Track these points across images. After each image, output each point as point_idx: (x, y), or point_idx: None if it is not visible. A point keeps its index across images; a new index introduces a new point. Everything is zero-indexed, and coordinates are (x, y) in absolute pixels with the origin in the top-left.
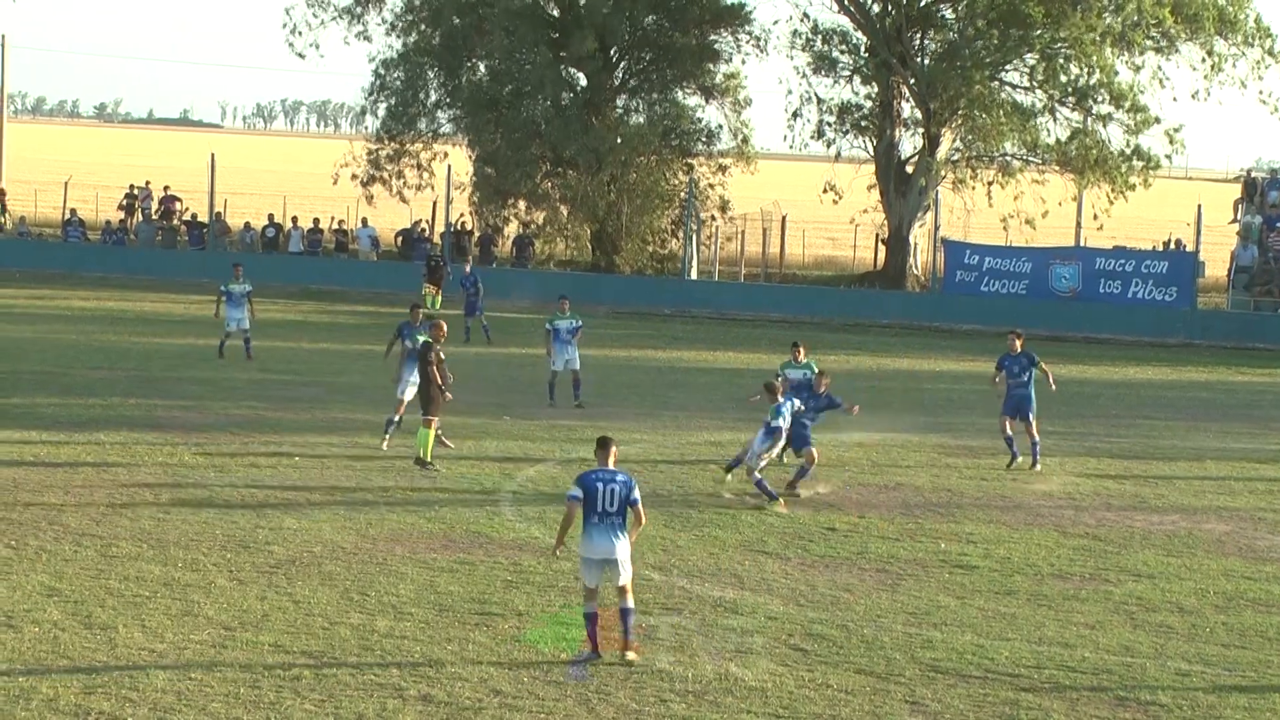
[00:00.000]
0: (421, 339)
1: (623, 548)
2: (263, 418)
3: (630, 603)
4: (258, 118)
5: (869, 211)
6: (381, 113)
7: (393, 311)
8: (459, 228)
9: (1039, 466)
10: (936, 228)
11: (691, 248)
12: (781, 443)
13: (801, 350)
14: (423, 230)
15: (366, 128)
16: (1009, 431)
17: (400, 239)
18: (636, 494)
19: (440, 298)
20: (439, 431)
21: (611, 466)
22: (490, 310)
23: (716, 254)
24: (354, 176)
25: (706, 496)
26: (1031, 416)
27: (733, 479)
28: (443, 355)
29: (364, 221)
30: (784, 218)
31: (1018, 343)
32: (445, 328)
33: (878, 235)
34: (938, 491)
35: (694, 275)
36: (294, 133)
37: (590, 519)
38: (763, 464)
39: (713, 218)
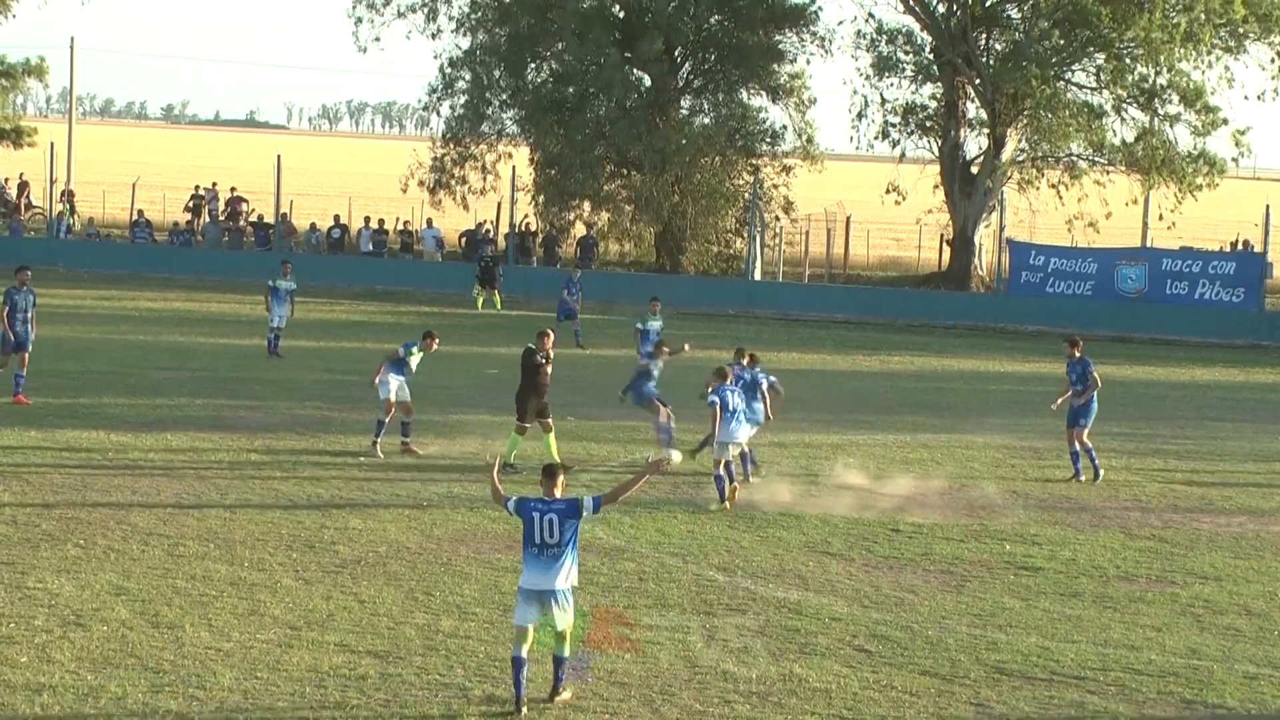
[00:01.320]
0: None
1: (563, 579)
2: (328, 418)
3: (566, 651)
4: (323, 119)
5: (933, 212)
6: (446, 113)
7: (457, 312)
8: (523, 229)
9: (1083, 477)
10: (1001, 228)
11: (755, 248)
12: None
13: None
14: (486, 231)
15: (431, 129)
16: (1075, 445)
17: (464, 240)
18: (589, 505)
19: (500, 298)
20: (406, 440)
21: (557, 495)
22: (555, 311)
23: (781, 255)
24: (421, 183)
25: (769, 497)
26: (1081, 424)
27: (697, 459)
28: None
29: (429, 222)
30: (848, 218)
31: (1074, 350)
32: (436, 341)
33: (942, 236)
34: (1002, 493)
35: (758, 276)
36: (359, 134)
37: (529, 549)
38: (728, 454)
39: (777, 218)
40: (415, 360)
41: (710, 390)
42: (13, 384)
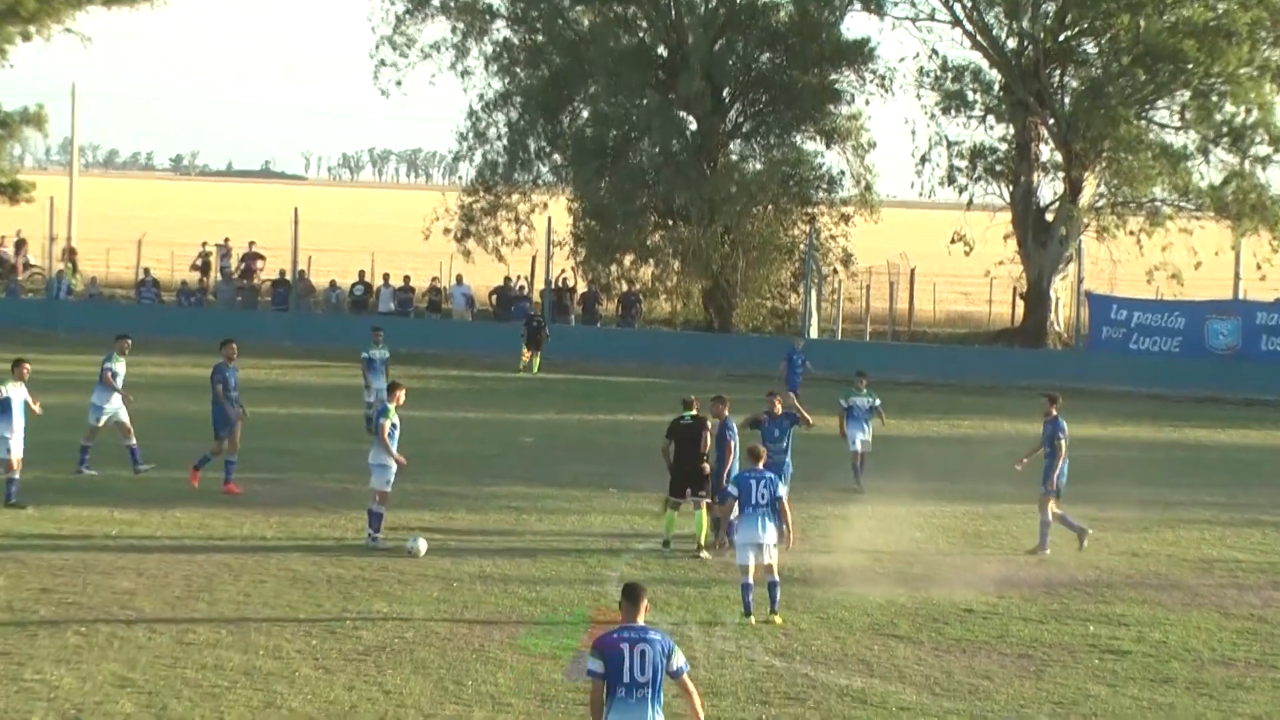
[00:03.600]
0: (689, 415)
1: None
2: (350, 491)
3: None
4: (344, 168)
5: (1005, 263)
6: (478, 160)
7: (489, 375)
8: (560, 284)
9: (1047, 550)
10: (1080, 280)
11: (812, 303)
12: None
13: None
14: (521, 288)
15: (460, 178)
16: (1045, 514)
17: (495, 297)
18: (679, 659)
19: (539, 360)
20: (372, 535)
21: (641, 622)
22: (596, 373)
23: (840, 310)
24: (446, 230)
25: (830, 573)
26: (1045, 489)
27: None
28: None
29: (458, 279)
30: (912, 270)
31: (1051, 408)
32: (402, 396)
33: (1015, 289)
34: (1085, 568)
35: (814, 334)
36: (382, 184)
37: (616, 693)
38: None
39: (835, 271)
40: (390, 423)
41: (726, 479)
42: (223, 470)
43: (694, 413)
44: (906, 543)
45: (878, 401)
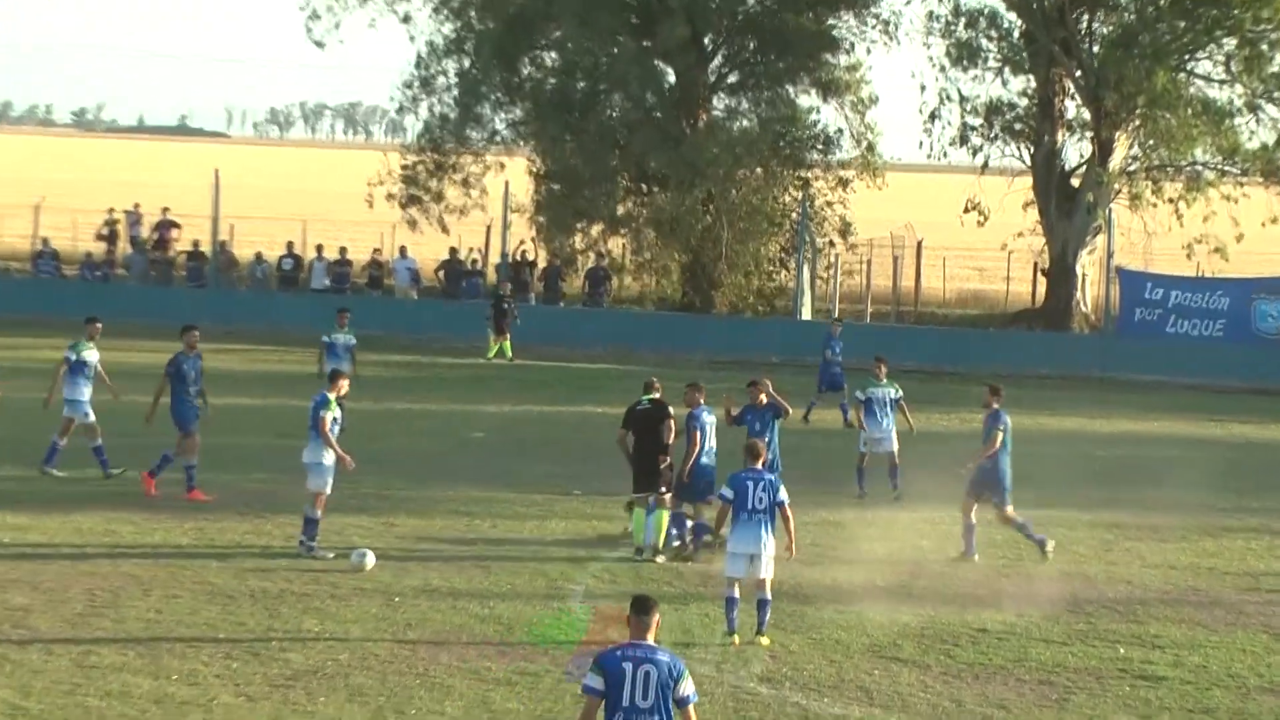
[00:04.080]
0: (648, 398)
1: None
2: (278, 494)
3: None
4: (271, 124)
5: (1024, 235)
6: (424, 114)
7: (437, 361)
8: (518, 258)
9: (976, 556)
10: (1109, 255)
11: (805, 281)
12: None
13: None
14: (474, 262)
15: (405, 134)
16: (1010, 522)
17: (443, 272)
18: (688, 687)
19: (509, 345)
20: (306, 544)
21: (650, 641)
22: (559, 359)
23: (837, 289)
24: (390, 196)
25: (824, 588)
26: (991, 497)
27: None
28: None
29: (402, 251)
30: (919, 243)
31: (993, 400)
32: (344, 386)
33: (1036, 264)
34: (1114, 583)
35: (808, 315)
36: (316, 142)
37: (614, 718)
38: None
39: (831, 244)
40: (331, 416)
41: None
42: (185, 474)
43: (654, 396)
44: (911, 552)
45: (899, 393)
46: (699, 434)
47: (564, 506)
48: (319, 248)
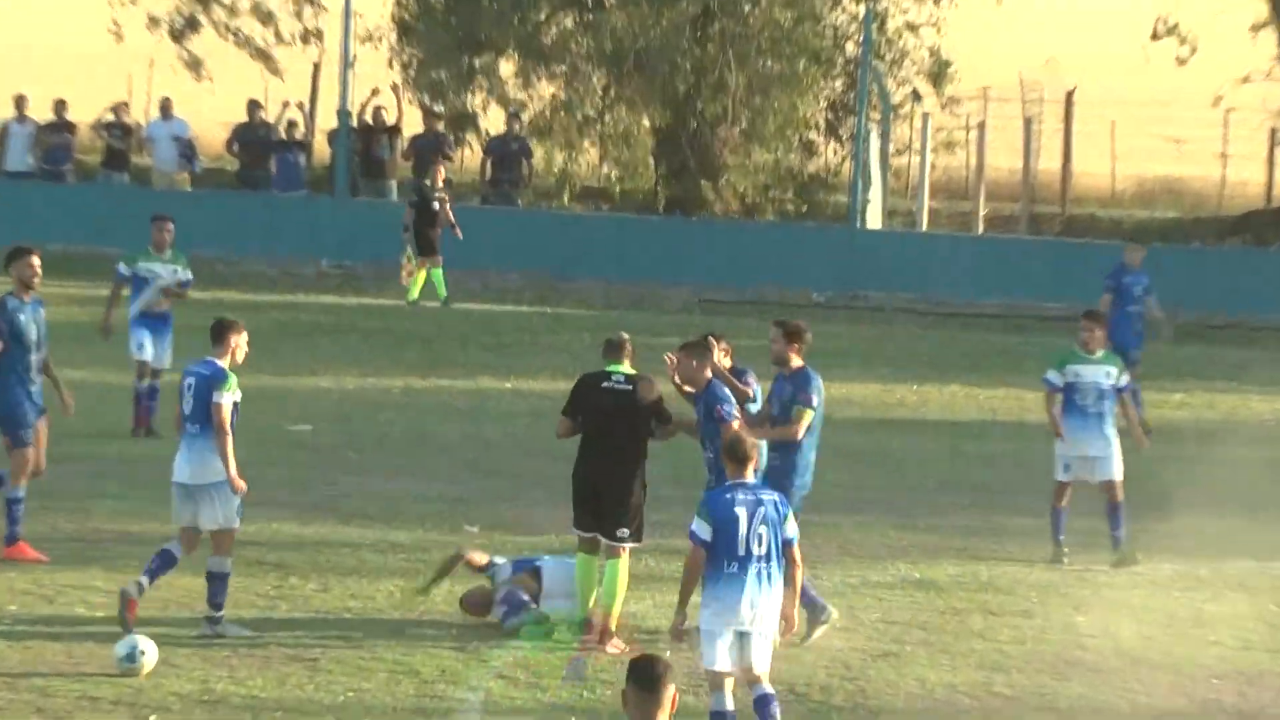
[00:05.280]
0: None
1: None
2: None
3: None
4: None
5: (1252, 80)
6: None
7: (232, 297)
8: (369, 119)
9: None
10: None
11: (871, 160)
12: None
13: None
14: (290, 125)
15: None
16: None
17: (238, 144)
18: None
19: (442, 276)
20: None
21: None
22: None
23: (925, 177)
24: (154, 22)
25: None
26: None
27: None
28: None
29: (164, 108)
30: (1069, 95)
31: (790, 350)
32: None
33: (1274, 134)
34: None
35: (874, 222)
36: None
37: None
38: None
39: (916, 96)
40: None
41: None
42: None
43: (626, 369)
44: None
45: (1125, 376)
46: (734, 424)
47: (445, 549)
48: (18, 103)
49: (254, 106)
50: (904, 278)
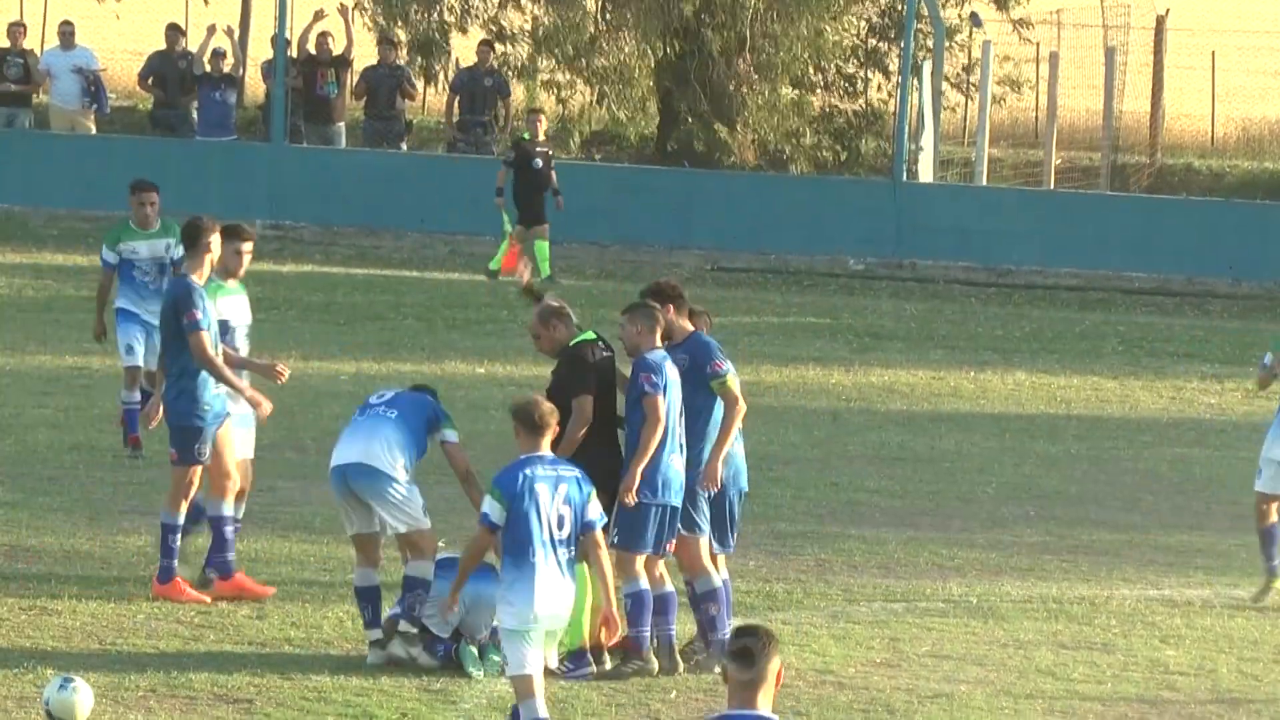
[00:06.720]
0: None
1: None
2: None
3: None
4: None
5: None
6: None
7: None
8: (313, 50)
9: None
10: None
11: (924, 100)
12: None
13: None
14: (219, 55)
15: None
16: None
17: (151, 78)
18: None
19: (548, 251)
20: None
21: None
22: (400, 263)
23: (985, 119)
24: None
25: None
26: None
27: None
28: None
29: (64, 35)
30: (1160, 21)
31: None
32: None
33: None
34: None
35: (925, 174)
36: None
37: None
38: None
39: (974, 21)
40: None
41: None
42: None
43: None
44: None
45: None
46: (660, 401)
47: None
48: None
49: (173, 33)
50: (960, 242)
